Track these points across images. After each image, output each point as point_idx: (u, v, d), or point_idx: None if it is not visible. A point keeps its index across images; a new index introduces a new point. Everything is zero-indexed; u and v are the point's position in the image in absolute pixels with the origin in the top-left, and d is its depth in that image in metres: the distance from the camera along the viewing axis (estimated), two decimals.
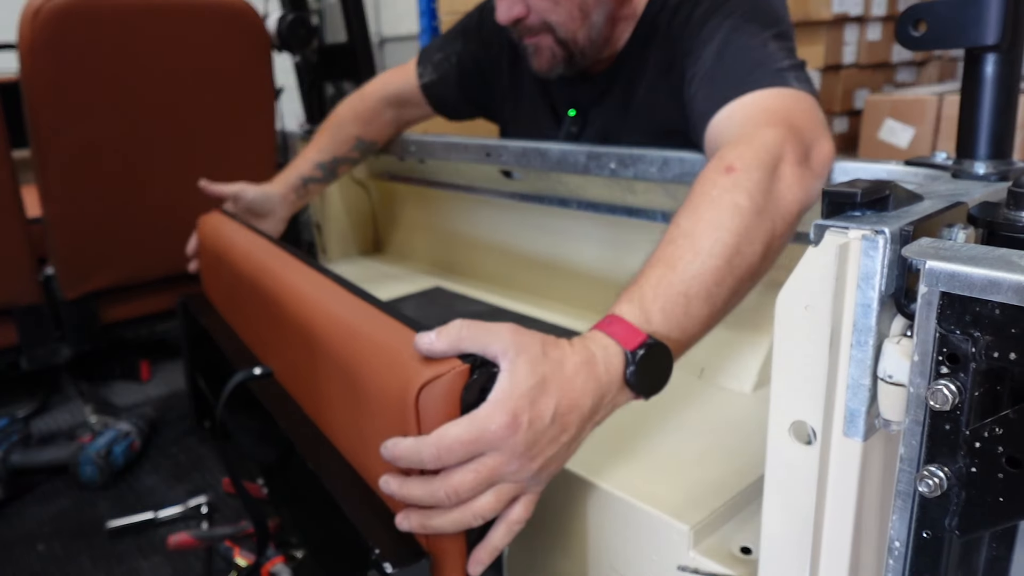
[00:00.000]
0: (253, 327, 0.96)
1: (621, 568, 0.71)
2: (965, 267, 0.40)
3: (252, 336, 0.97)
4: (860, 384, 0.47)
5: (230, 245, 1.06)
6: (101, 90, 1.35)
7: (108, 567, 1.00)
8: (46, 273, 1.44)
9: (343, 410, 0.69)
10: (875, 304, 0.45)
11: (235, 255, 1.01)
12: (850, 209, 0.49)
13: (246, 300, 0.96)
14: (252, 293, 0.91)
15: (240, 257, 0.99)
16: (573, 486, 0.74)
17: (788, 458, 0.51)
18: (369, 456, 0.64)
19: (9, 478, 1.18)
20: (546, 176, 1.15)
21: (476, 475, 0.53)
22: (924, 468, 0.43)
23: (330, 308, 0.72)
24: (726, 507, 0.68)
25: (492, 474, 0.53)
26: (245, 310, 0.99)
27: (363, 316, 0.67)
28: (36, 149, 1.33)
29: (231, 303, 1.07)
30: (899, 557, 0.45)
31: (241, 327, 1.02)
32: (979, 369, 0.40)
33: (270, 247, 0.96)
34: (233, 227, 1.12)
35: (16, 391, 1.55)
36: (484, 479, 0.53)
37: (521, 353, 0.54)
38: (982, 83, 0.62)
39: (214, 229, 1.16)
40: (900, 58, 2.88)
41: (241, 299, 0.99)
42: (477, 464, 0.53)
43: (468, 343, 0.54)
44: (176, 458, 1.26)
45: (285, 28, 1.66)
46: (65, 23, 1.27)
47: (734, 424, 0.81)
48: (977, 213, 0.53)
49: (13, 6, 1.30)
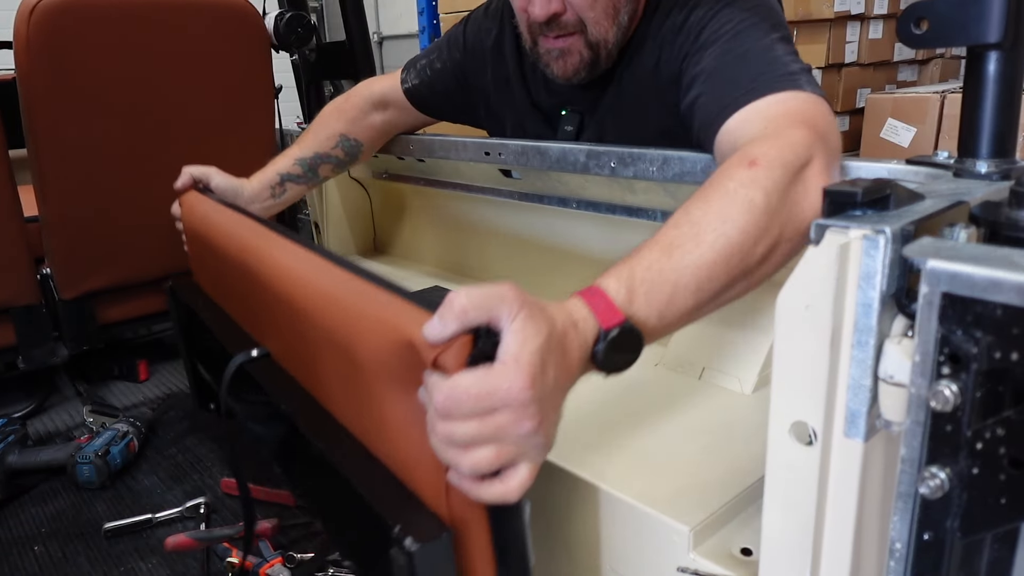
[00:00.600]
0: (245, 307, 0.94)
1: (621, 569, 0.70)
2: (967, 267, 0.39)
3: (245, 316, 0.95)
4: (861, 385, 0.47)
5: (211, 225, 1.04)
6: (97, 89, 1.35)
7: (106, 568, 0.99)
8: (43, 272, 1.44)
9: (346, 391, 0.68)
10: (876, 304, 0.45)
11: (217, 235, 0.99)
12: (851, 208, 0.49)
13: (234, 281, 0.94)
14: (239, 273, 0.90)
15: (222, 237, 0.97)
16: (573, 487, 0.74)
17: (789, 459, 0.50)
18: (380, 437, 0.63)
19: (6, 479, 1.18)
20: (546, 175, 1.15)
21: (480, 425, 0.51)
22: (925, 469, 0.42)
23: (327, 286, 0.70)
24: (726, 508, 0.67)
25: (497, 431, 0.52)
26: (234, 291, 0.97)
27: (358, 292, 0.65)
28: (32, 148, 1.33)
29: (219, 285, 1.05)
30: (900, 559, 0.45)
31: (233, 308, 1.00)
32: (981, 370, 0.40)
33: (252, 225, 0.93)
34: (211, 206, 1.09)
35: (13, 391, 1.54)
36: (487, 432, 0.51)
37: (528, 312, 0.53)
38: (984, 81, 0.62)
39: (193, 209, 1.14)
40: (902, 57, 2.87)
41: (229, 280, 0.97)
42: (483, 418, 0.51)
43: (474, 315, 0.53)
44: (174, 459, 1.26)
45: (283, 26, 1.65)
46: (60, 21, 1.26)
47: (734, 425, 0.80)
48: (979, 212, 0.53)
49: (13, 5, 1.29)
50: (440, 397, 0.51)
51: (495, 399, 0.51)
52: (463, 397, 0.50)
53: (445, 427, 0.51)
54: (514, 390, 0.51)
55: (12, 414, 1.42)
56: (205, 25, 1.45)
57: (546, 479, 0.77)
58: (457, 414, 0.51)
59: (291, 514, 1.06)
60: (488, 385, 0.51)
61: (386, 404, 0.59)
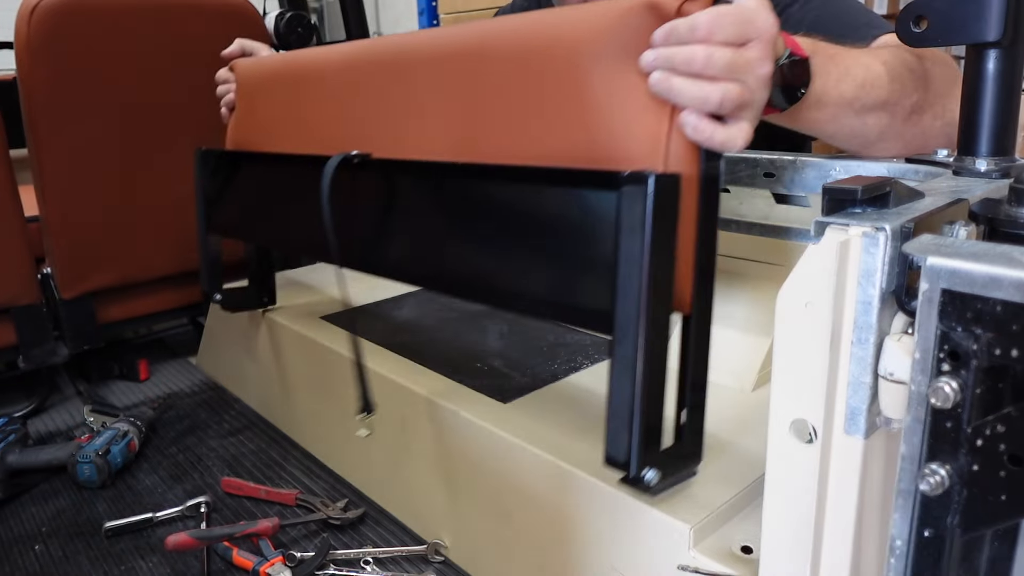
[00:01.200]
0: (351, 124, 0.94)
1: (621, 567, 0.70)
2: (966, 264, 0.39)
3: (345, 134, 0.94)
4: (861, 382, 0.47)
5: (297, 64, 1.05)
6: (98, 89, 1.35)
7: (106, 567, 0.99)
8: (43, 272, 1.44)
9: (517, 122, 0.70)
10: (876, 301, 0.45)
11: (311, 69, 1.01)
12: (851, 206, 0.49)
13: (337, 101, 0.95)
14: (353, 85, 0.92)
15: (322, 67, 0.98)
16: (574, 484, 0.74)
17: (789, 457, 0.50)
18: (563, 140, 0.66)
19: (7, 478, 1.18)
20: None
21: (735, 54, 0.56)
22: (925, 466, 0.42)
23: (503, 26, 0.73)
24: (726, 506, 0.67)
25: (747, 64, 0.57)
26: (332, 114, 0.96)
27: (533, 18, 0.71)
28: (33, 148, 1.33)
29: (300, 122, 1.04)
30: (900, 556, 0.45)
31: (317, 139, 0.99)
32: (981, 366, 0.40)
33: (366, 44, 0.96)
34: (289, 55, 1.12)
35: (14, 391, 1.54)
36: (741, 63, 0.56)
37: None
38: (983, 79, 0.62)
39: (259, 64, 1.15)
40: None
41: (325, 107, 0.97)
42: (738, 48, 0.56)
43: None
44: (174, 458, 1.26)
45: (283, 26, 1.65)
46: (61, 21, 1.26)
47: (734, 423, 0.80)
48: (978, 210, 0.53)
49: (13, 5, 1.29)
50: (705, 18, 0.56)
51: (752, 28, 0.56)
52: (727, 18, 0.56)
53: (703, 53, 0.56)
54: (768, 23, 0.57)
55: (12, 413, 1.42)
56: (205, 25, 1.45)
57: (546, 477, 0.77)
58: (719, 36, 0.56)
59: (291, 514, 1.06)
60: (748, 12, 0.57)
61: (585, 93, 0.63)
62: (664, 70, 0.58)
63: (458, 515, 0.92)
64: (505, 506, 0.84)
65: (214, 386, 1.53)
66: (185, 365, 1.66)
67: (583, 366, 1.00)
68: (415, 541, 0.98)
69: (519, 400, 0.91)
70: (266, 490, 1.11)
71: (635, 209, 0.57)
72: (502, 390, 0.93)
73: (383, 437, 1.04)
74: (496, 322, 1.21)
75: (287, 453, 1.24)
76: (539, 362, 1.02)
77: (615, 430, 0.61)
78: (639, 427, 0.59)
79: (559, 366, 1.01)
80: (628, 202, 0.57)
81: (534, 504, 0.80)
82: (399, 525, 1.02)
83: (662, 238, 0.57)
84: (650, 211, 0.56)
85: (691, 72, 0.57)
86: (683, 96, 0.57)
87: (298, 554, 0.96)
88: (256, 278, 1.30)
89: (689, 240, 0.61)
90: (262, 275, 1.31)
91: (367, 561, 0.94)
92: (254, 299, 1.31)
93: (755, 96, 0.58)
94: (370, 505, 1.07)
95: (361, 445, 1.09)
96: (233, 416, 1.39)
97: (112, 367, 1.63)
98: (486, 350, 1.08)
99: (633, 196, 0.57)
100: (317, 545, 0.98)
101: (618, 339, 0.59)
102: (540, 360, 1.03)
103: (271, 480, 1.17)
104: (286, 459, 1.22)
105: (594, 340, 1.09)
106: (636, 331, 0.57)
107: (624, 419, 0.60)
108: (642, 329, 0.57)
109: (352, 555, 0.95)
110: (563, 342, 1.10)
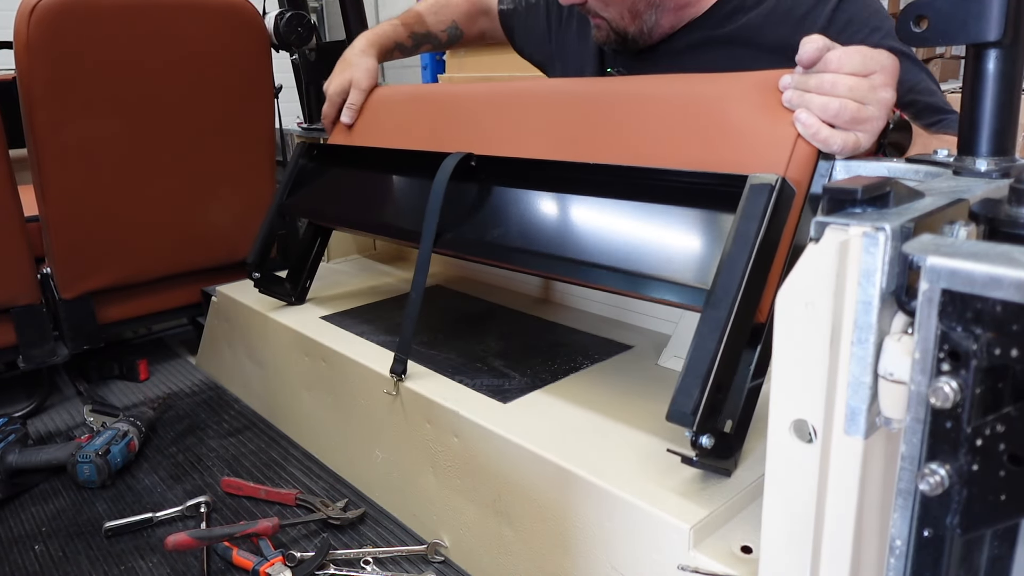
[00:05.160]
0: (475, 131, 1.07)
1: (621, 567, 0.70)
2: (966, 264, 0.39)
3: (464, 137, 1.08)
4: (861, 382, 0.47)
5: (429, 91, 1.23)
6: (97, 88, 1.35)
7: (106, 567, 0.99)
8: (43, 272, 1.44)
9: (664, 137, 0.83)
10: (876, 301, 0.45)
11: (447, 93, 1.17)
12: (851, 206, 0.49)
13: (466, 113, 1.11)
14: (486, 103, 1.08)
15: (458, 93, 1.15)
16: (574, 485, 0.74)
17: (789, 456, 0.50)
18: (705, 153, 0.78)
19: (7, 478, 1.18)
20: None
21: (858, 80, 0.68)
22: (925, 466, 0.42)
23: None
24: (726, 506, 0.67)
25: (871, 88, 0.68)
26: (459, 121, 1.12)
27: None
28: (32, 148, 1.33)
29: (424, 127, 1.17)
30: (900, 556, 0.45)
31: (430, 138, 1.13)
32: (980, 366, 0.40)
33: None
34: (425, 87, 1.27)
35: (14, 391, 1.54)
36: (864, 87, 0.68)
37: None
38: (984, 79, 0.62)
39: (394, 91, 1.28)
40: None
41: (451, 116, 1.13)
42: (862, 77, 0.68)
43: None
44: (174, 458, 1.26)
45: (283, 26, 1.65)
46: (60, 21, 1.26)
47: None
48: (978, 210, 0.53)
49: (13, 5, 1.29)
50: (836, 53, 0.69)
51: (875, 62, 0.69)
52: (855, 53, 0.68)
53: (831, 78, 0.69)
54: (891, 59, 0.70)
55: (12, 413, 1.42)
56: (205, 25, 1.45)
57: (546, 477, 0.77)
58: (847, 67, 0.68)
59: (291, 514, 1.06)
60: (872, 50, 0.69)
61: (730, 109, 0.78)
62: (798, 89, 0.71)
63: (458, 515, 0.92)
64: (505, 506, 0.84)
65: (214, 386, 1.53)
66: (185, 365, 1.66)
67: (583, 366, 1.00)
68: (415, 541, 0.98)
69: (519, 400, 0.91)
70: (266, 490, 1.11)
71: (758, 200, 0.67)
72: (502, 390, 0.93)
73: (383, 437, 1.04)
74: (496, 322, 1.21)
75: (287, 453, 1.24)
76: (539, 362, 1.02)
77: (688, 385, 0.64)
78: (711, 387, 0.64)
79: (559, 366, 1.01)
80: (753, 193, 0.68)
81: (534, 504, 0.80)
82: (399, 525, 1.03)
83: (772, 230, 0.67)
84: (771, 204, 0.67)
85: (820, 92, 0.70)
86: (809, 104, 0.70)
87: (298, 554, 0.96)
88: (293, 276, 1.33)
89: (782, 255, 0.70)
90: (300, 275, 1.33)
91: (367, 561, 0.94)
92: (285, 292, 1.33)
93: (873, 115, 0.69)
94: (370, 505, 1.07)
95: (361, 445, 1.09)
96: (233, 416, 1.39)
97: (112, 367, 1.63)
98: (486, 350, 1.08)
99: (758, 190, 0.68)
100: (317, 545, 0.98)
101: (712, 303, 0.66)
102: (540, 360, 1.03)
103: (271, 480, 1.17)
104: (286, 459, 1.22)
105: (594, 340, 1.09)
106: (733, 299, 0.65)
107: (699, 375, 0.64)
108: (739, 298, 0.65)
109: (352, 555, 0.95)
110: (563, 342, 1.10)
